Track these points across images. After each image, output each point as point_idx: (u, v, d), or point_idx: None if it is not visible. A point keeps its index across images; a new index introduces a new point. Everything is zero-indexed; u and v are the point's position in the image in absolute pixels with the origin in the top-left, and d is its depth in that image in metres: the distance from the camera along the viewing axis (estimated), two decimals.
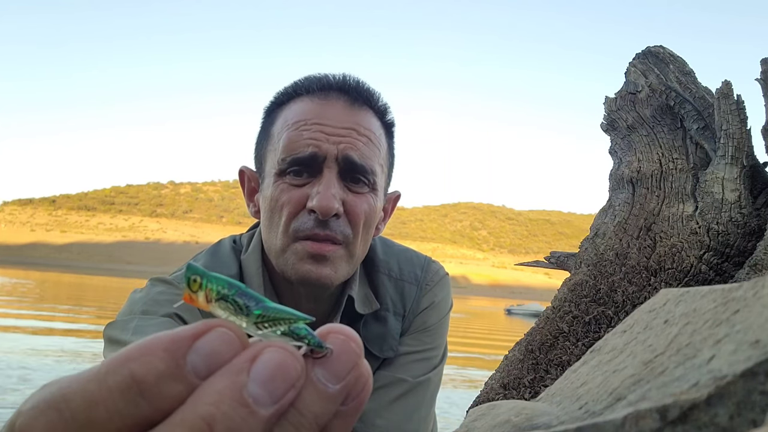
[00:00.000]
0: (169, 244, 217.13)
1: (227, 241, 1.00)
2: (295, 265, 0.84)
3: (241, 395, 0.21)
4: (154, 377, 0.21)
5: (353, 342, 0.23)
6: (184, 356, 0.22)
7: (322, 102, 0.86)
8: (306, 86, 0.89)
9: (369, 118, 0.88)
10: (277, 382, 0.21)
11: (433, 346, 0.99)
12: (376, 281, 0.98)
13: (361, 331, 0.93)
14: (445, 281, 1.05)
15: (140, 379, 0.21)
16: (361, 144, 0.85)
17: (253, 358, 0.22)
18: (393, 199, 1.01)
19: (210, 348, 0.22)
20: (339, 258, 0.84)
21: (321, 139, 0.82)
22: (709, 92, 1.58)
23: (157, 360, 0.21)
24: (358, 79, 0.90)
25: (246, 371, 0.21)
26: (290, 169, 0.83)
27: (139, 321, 0.81)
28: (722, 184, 1.44)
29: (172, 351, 0.22)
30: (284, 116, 0.87)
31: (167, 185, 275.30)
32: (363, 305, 0.94)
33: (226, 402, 0.21)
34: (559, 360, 1.52)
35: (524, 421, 0.41)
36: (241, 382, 0.21)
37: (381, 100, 0.92)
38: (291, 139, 0.83)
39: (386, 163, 0.93)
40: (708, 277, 1.45)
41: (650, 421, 0.30)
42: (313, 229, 0.81)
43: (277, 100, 0.92)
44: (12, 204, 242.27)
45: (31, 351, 6.66)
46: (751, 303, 0.35)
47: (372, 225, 0.89)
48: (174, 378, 0.21)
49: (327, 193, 0.80)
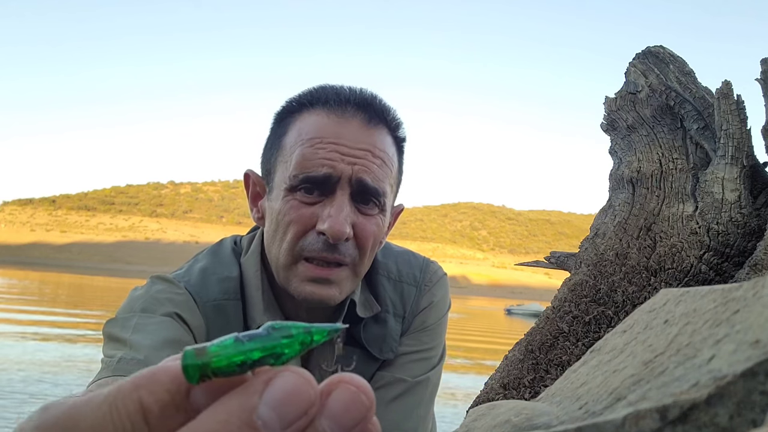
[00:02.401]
0: (169, 244, 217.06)
1: (228, 242, 1.00)
2: (298, 286, 0.83)
3: (251, 417, 0.21)
4: (160, 408, 0.22)
5: (364, 395, 0.22)
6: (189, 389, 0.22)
7: (339, 119, 0.84)
8: (323, 97, 0.87)
9: (384, 138, 0.87)
10: (290, 406, 0.21)
11: (432, 345, 0.99)
12: (375, 284, 0.98)
13: (362, 333, 0.93)
14: (443, 281, 1.05)
15: (147, 408, 0.21)
16: (375, 167, 0.84)
17: (267, 381, 0.22)
18: (396, 213, 1.00)
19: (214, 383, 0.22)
20: (344, 279, 0.84)
21: (336, 159, 0.81)
22: (709, 92, 1.58)
23: (164, 391, 0.22)
24: (374, 95, 0.89)
25: (259, 393, 0.21)
26: (302, 186, 0.82)
27: (139, 319, 0.81)
28: (722, 184, 1.44)
29: (179, 383, 0.22)
30: (298, 128, 0.86)
31: (167, 185, 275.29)
32: (364, 309, 0.94)
33: (234, 422, 0.21)
34: (559, 360, 1.52)
35: (524, 421, 0.41)
36: (252, 404, 0.21)
37: (396, 117, 0.91)
38: (305, 156, 0.82)
39: (396, 181, 0.92)
40: (708, 277, 1.45)
41: (650, 421, 0.30)
42: (321, 252, 0.81)
43: (290, 107, 0.90)
44: (12, 204, 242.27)
45: (32, 352, 6.66)
46: (751, 303, 0.35)
47: (377, 244, 0.89)
48: (177, 409, 0.22)
49: (339, 217, 0.79)
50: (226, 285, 0.90)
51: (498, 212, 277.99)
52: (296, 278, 0.83)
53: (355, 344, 0.94)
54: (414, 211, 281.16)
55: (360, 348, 0.93)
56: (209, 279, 0.90)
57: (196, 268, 0.92)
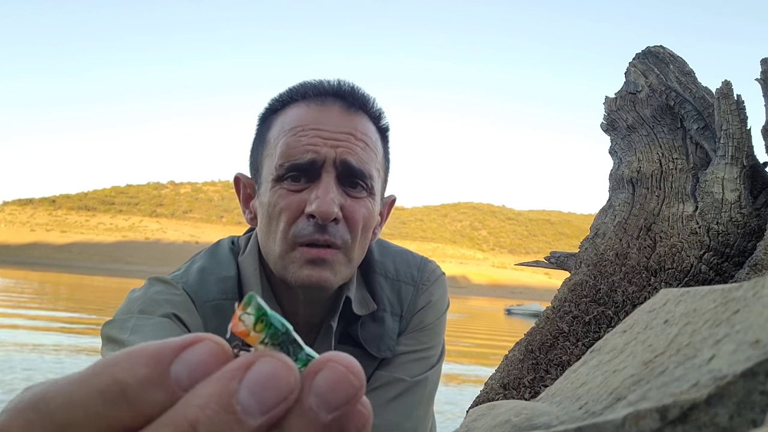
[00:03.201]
0: (169, 244, 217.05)
1: (226, 242, 1.00)
2: (295, 272, 0.84)
3: (230, 401, 0.21)
4: (137, 382, 0.21)
5: (353, 374, 0.22)
6: (169, 364, 0.22)
7: (319, 107, 0.87)
8: (302, 92, 0.89)
9: (365, 123, 0.89)
10: (269, 392, 0.21)
11: (431, 345, 0.99)
12: (372, 282, 0.98)
13: (359, 331, 0.94)
14: (441, 281, 1.05)
15: (123, 383, 0.21)
16: (359, 149, 0.85)
17: (247, 366, 0.22)
18: (389, 203, 1.01)
19: (196, 359, 0.22)
20: (338, 262, 0.85)
21: (319, 144, 0.83)
22: (709, 92, 1.58)
23: (142, 365, 0.21)
24: (352, 85, 0.91)
25: (238, 378, 0.21)
26: (288, 174, 0.83)
27: (137, 320, 0.81)
28: (722, 184, 1.44)
29: (158, 358, 0.22)
30: (281, 122, 0.88)
31: (167, 185, 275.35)
32: (360, 307, 0.94)
33: (212, 407, 0.20)
34: (559, 360, 1.53)
35: (524, 421, 0.41)
36: (231, 389, 0.21)
37: (376, 105, 0.92)
38: (289, 144, 0.84)
39: (382, 167, 0.93)
40: (708, 277, 1.45)
41: (650, 421, 0.30)
42: (313, 234, 0.82)
43: (272, 106, 0.92)
44: (12, 204, 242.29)
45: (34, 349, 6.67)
46: (751, 303, 0.35)
47: (370, 229, 0.89)
48: (156, 385, 0.21)
49: (326, 197, 0.80)
50: (225, 285, 0.90)
51: (498, 212, 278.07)
52: (293, 264, 0.84)
53: (353, 343, 0.94)
54: (414, 211, 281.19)
55: (357, 347, 0.94)
56: (207, 279, 0.91)
57: (194, 269, 0.93)
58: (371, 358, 0.95)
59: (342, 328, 0.94)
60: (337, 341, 0.94)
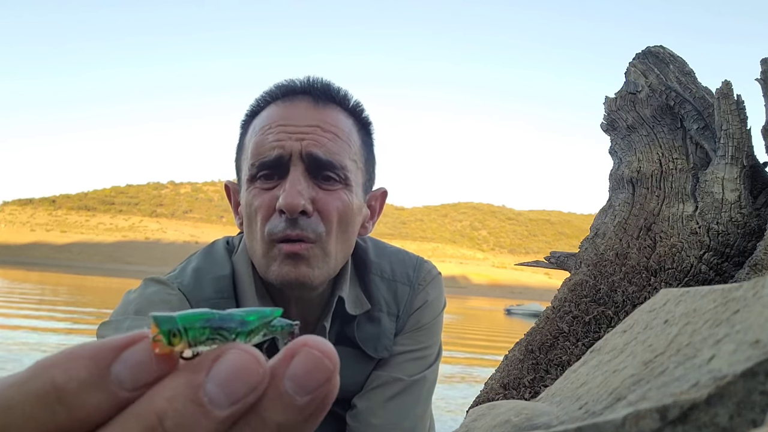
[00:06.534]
0: (169, 244, 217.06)
1: (221, 242, 1.01)
2: (275, 270, 0.84)
3: (197, 394, 0.21)
4: (75, 385, 0.20)
5: (327, 358, 0.22)
6: (109, 366, 0.21)
7: (287, 105, 0.88)
8: (273, 94, 0.90)
9: (335, 115, 0.88)
10: (236, 383, 0.21)
11: (428, 344, 0.99)
12: (368, 282, 0.98)
13: (356, 332, 0.94)
14: (437, 281, 1.05)
15: (60, 386, 0.20)
16: (326, 140, 0.85)
17: (214, 358, 0.22)
18: (379, 195, 1.00)
19: (136, 359, 0.21)
20: (314, 257, 0.84)
21: (284, 138, 0.83)
22: (709, 92, 1.58)
23: (81, 367, 0.21)
24: (323, 80, 0.91)
25: (206, 370, 0.21)
26: (260, 173, 0.84)
27: (132, 321, 0.81)
28: (722, 184, 1.44)
29: (97, 359, 0.21)
30: (254, 125, 0.89)
31: (167, 185, 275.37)
32: (354, 306, 0.94)
33: (179, 399, 0.20)
34: (559, 360, 1.53)
35: (524, 421, 0.41)
36: (198, 381, 0.21)
37: (349, 97, 0.92)
38: (257, 143, 0.85)
39: (361, 159, 0.92)
40: (708, 277, 1.45)
41: (650, 421, 0.30)
42: (285, 230, 0.81)
43: (250, 112, 0.93)
44: (12, 204, 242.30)
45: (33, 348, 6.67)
46: (751, 303, 0.35)
47: (349, 222, 0.88)
48: (96, 387, 0.21)
49: (292, 190, 0.81)
50: (220, 284, 0.91)
51: (498, 212, 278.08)
52: (273, 263, 0.84)
53: (350, 343, 0.94)
54: (414, 211, 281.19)
55: (354, 347, 0.94)
56: (203, 279, 0.91)
57: (190, 269, 0.93)
58: (368, 359, 0.95)
59: (338, 328, 0.94)
60: (334, 342, 0.94)
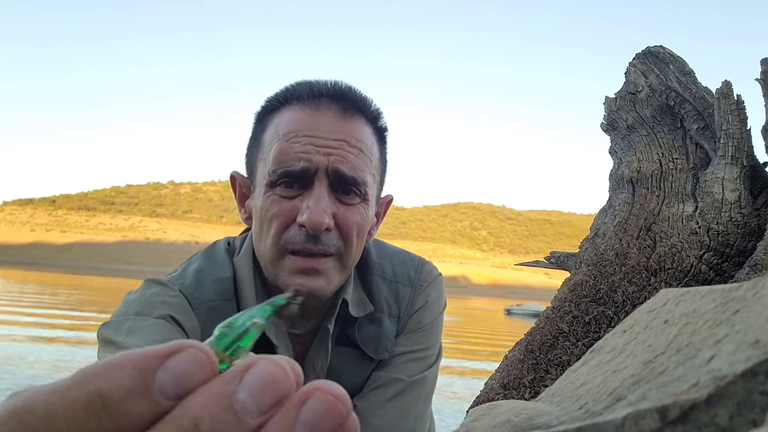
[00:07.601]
0: (169, 244, 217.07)
1: (222, 244, 1.01)
2: (286, 279, 0.84)
3: (230, 401, 0.21)
4: (120, 393, 0.21)
5: (341, 403, 0.23)
6: (154, 374, 0.22)
7: (313, 111, 0.86)
8: (297, 93, 0.88)
9: (361, 127, 0.88)
10: (266, 393, 0.22)
11: (428, 345, 1.00)
12: (370, 283, 0.98)
13: (356, 333, 0.94)
14: (438, 281, 1.05)
15: (105, 395, 0.21)
16: (352, 156, 0.84)
17: (246, 368, 0.22)
18: (385, 203, 1.00)
19: (180, 368, 0.22)
20: (331, 269, 0.85)
21: (311, 151, 0.82)
22: (709, 92, 1.58)
23: (126, 376, 0.21)
24: (349, 86, 0.90)
25: (238, 379, 0.22)
26: (281, 180, 0.83)
27: (133, 322, 0.81)
28: (722, 184, 1.44)
29: (142, 368, 0.22)
30: (275, 125, 0.87)
31: (167, 185, 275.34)
32: (357, 308, 0.94)
33: (214, 406, 0.21)
34: (559, 360, 1.53)
35: (524, 421, 0.41)
36: (231, 390, 0.22)
37: (373, 106, 0.91)
38: (282, 150, 0.83)
39: (378, 171, 0.92)
40: (708, 277, 1.45)
41: (650, 421, 0.30)
42: (304, 243, 0.81)
43: (268, 106, 0.91)
44: (12, 204, 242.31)
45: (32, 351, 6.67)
46: (751, 303, 0.35)
47: (364, 234, 0.89)
48: (140, 396, 0.21)
49: (317, 207, 0.80)
50: (221, 286, 0.91)
51: (498, 212, 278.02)
52: (284, 272, 0.84)
53: (351, 344, 0.94)
54: (414, 211, 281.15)
55: (355, 348, 0.94)
56: (204, 280, 0.91)
57: (191, 270, 0.93)
58: (369, 360, 0.95)
59: (339, 329, 0.94)
60: (334, 343, 0.94)
